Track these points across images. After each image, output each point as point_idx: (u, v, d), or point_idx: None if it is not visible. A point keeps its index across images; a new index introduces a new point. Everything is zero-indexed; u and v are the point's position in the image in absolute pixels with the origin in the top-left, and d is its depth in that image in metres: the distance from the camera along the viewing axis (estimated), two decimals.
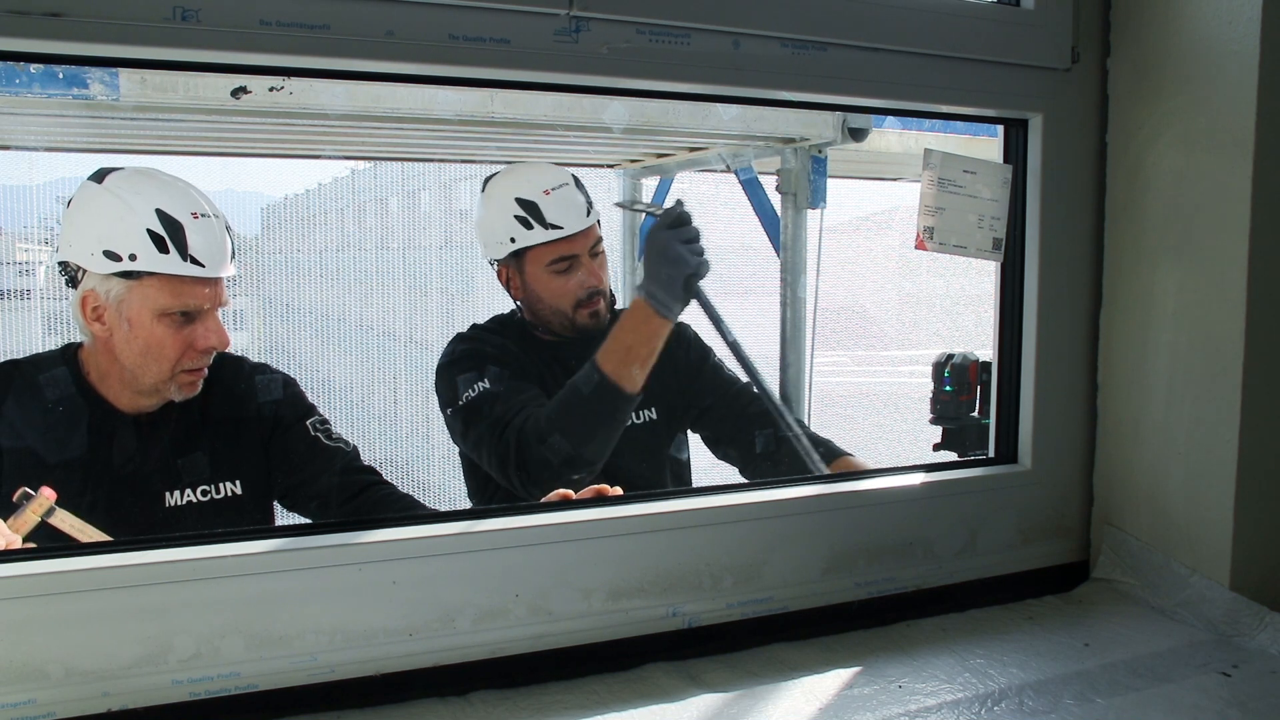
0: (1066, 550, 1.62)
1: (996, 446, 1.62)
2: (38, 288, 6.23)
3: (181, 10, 1.07)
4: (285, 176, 20.25)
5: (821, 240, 4.33)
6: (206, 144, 3.94)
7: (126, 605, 1.11)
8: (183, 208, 1.62)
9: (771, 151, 4.19)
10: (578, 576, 1.29)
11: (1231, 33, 1.37)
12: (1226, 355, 1.40)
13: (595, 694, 1.23)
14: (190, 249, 1.61)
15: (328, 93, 3.05)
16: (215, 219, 1.67)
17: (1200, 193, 1.43)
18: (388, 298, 7.88)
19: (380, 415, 8.00)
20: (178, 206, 1.62)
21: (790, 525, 1.41)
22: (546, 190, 2.01)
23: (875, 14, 1.38)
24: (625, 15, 1.24)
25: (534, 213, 2.00)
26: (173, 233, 1.60)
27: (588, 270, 2.05)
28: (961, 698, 1.23)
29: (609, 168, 5.01)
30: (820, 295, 4.37)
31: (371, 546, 1.20)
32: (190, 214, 1.63)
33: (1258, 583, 1.42)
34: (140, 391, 1.68)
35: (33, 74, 2.77)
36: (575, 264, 2.03)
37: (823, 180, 4.13)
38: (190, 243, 1.61)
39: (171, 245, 1.60)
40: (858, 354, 7.68)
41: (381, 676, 1.21)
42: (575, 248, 2.03)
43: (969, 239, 1.54)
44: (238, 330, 8.40)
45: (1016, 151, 1.56)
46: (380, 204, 8.14)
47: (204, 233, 1.63)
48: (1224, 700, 1.22)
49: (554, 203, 2.01)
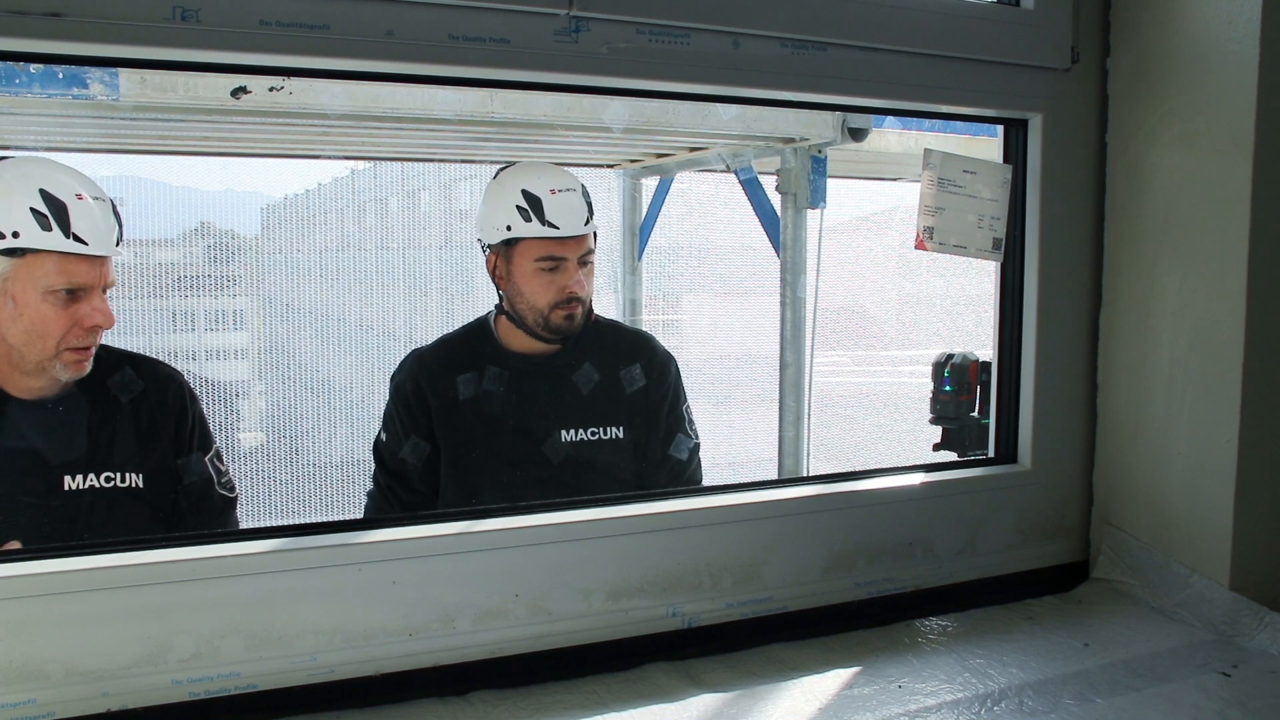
0: (1066, 550, 1.62)
1: (996, 446, 1.62)
2: None
3: (181, 10, 1.07)
4: (285, 176, 20.22)
5: (821, 240, 4.33)
6: (206, 144, 3.94)
7: (126, 605, 1.11)
8: (66, 189, 1.67)
9: (771, 151, 4.19)
10: (578, 576, 1.29)
11: (1231, 33, 1.37)
12: (1226, 355, 1.40)
13: (595, 694, 1.23)
14: (73, 227, 1.65)
15: (328, 93, 3.05)
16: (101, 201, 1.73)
17: (1200, 193, 1.43)
18: (388, 298, 7.87)
19: (380, 415, 7.99)
20: (61, 187, 1.67)
21: (790, 525, 1.41)
22: (553, 190, 2.06)
23: (875, 14, 1.38)
24: (625, 15, 1.24)
25: (535, 207, 2.05)
26: (56, 211, 1.65)
27: (572, 275, 2.09)
28: (961, 698, 1.23)
29: (609, 168, 5.01)
30: (820, 295, 4.37)
31: (371, 546, 1.20)
32: (74, 195, 1.68)
33: (1257, 583, 1.42)
34: (27, 372, 1.71)
35: (33, 74, 2.77)
36: (562, 266, 2.07)
37: (822, 180, 4.13)
38: (73, 221, 1.65)
39: (54, 223, 1.65)
40: (858, 354, 7.67)
41: (381, 676, 1.21)
42: (566, 250, 2.07)
43: (969, 239, 1.54)
44: (238, 330, 8.41)
45: (1016, 151, 1.56)
46: (380, 204, 8.14)
47: (87, 213, 1.67)
48: (1224, 700, 1.22)
49: (557, 203, 2.05)
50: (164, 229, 7.29)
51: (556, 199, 2.05)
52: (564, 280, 2.07)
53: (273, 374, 8.47)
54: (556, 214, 2.05)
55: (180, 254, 7.64)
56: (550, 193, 2.05)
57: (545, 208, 2.04)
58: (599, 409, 2.13)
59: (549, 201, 2.05)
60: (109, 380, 1.81)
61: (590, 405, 2.13)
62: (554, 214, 2.05)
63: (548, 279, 2.07)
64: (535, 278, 2.07)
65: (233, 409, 7.04)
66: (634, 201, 5.06)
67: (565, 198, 2.07)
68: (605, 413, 2.14)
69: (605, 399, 2.14)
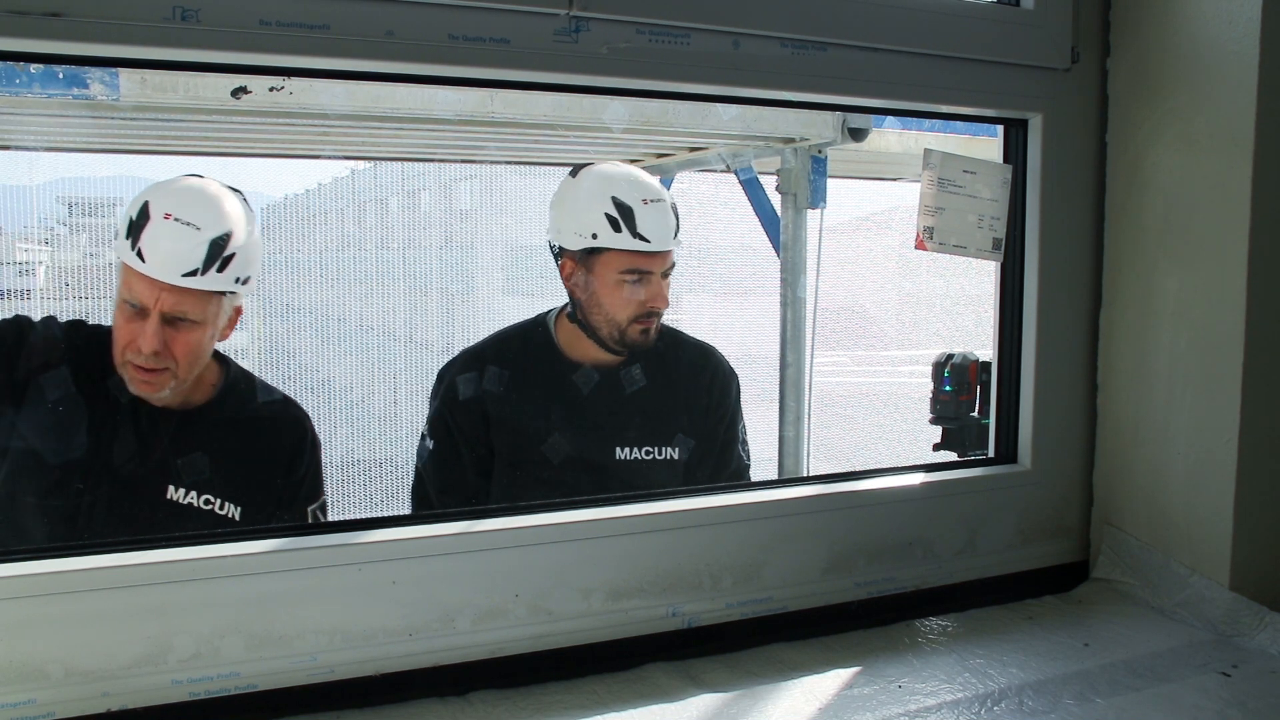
0: (1066, 550, 1.62)
1: (996, 446, 1.62)
2: (38, 287, 6.23)
3: (181, 10, 1.07)
4: (285, 176, 20.25)
5: (821, 240, 4.33)
6: (206, 144, 3.95)
7: (126, 605, 1.11)
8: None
9: (771, 151, 4.19)
10: (577, 576, 1.29)
11: (1231, 33, 1.37)
12: (1226, 355, 1.40)
13: (595, 694, 1.23)
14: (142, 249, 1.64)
15: (328, 93, 3.06)
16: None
17: (1200, 193, 1.43)
18: (388, 298, 7.87)
19: (380, 415, 7.99)
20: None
21: (790, 525, 1.41)
22: (645, 200, 1.96)
23: (875, 14, 1.38)
24: (625, 15, 1.24)
25: (627, 218, 1.94)
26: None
27: (656, 289, 2.00)
28: (961, 698, 1.23)
29: None
30: (820, 295, 4.37)
31: (371, 546, 1.20)
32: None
33: (1257, 583, 1.42)
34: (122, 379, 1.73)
35: (33, 74, 2.77)
36: (646, 280, 1.98)
37: (822, 180, 4.13)
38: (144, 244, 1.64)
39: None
40: (858, 354, 7.67)
41: (381, 676, 1.21)
42: (652, 264, 1.98)
43: (969, 239, 1.54)
44: (238, 330, 8.39)
45: (1016, 151, 1.56)
46: (380, 204, 8.14)
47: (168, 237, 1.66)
48: (1224, 700, 1.22)
49: (649, 214, 1.96)
50: None
51: (649, 210, 1.96)
52: (646, 294, 1.98)
53: (273, 374, 8.46)
54: (648, 226, 1.95)
55: None
56: (643, 203, 1.96)
57: (637, 219, 1.94)
58: (657, 428, 2.05)
59: (641, 213, 1.95)
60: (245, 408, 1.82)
61: (648, 424, 2.05)
62: (646, 226, 1.95)
63: (630, 292, 1.98)
64: (617, 290, 1.98)
65: None
66: None
67: (657, 209, 1.97)
68: (662, 432, 2.06)
69: (664, 417, 2.07)
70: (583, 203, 1.99)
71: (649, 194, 1.97)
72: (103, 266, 7.22)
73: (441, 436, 2.04)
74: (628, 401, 2.04)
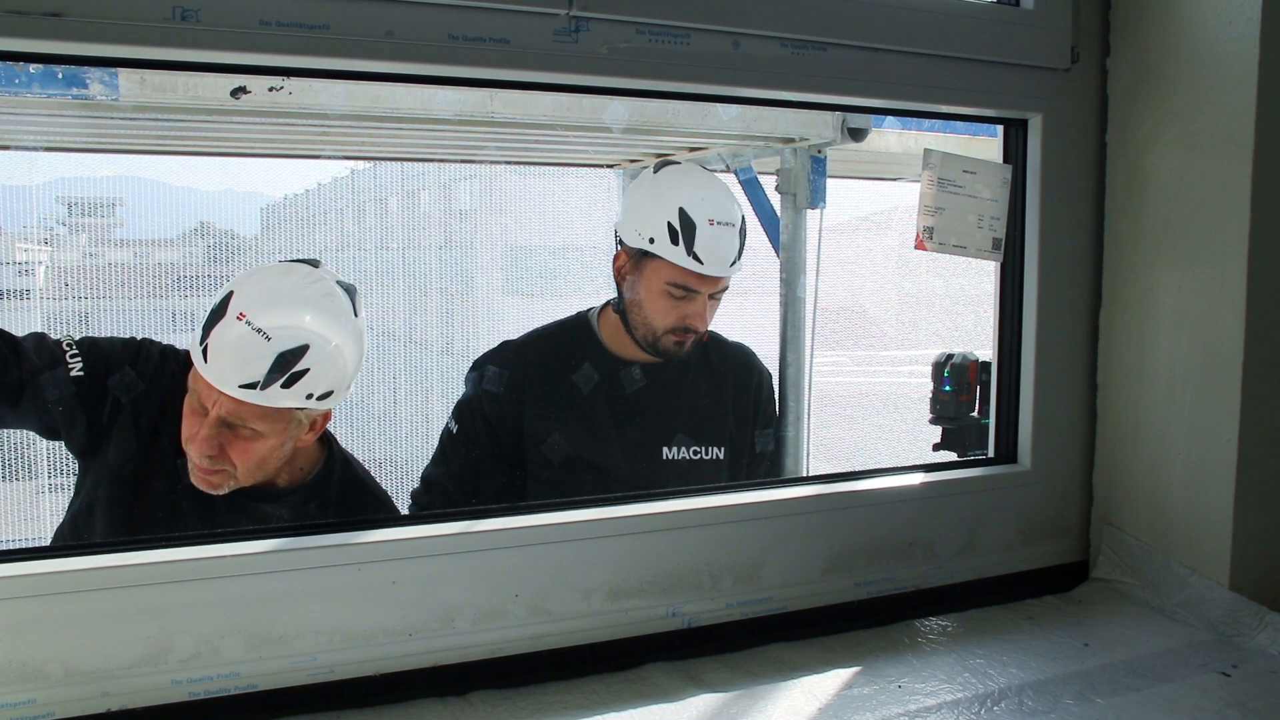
0: (1066, 550, 1.62)
1: (996, 446, 1.62)
2: (37, 288, 6.23)
3: (181, 10, 1.07)
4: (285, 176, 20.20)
5: (821, 240, 4.33)
6: (206, 144, 3.94)
7: (126, 605, 1.10)
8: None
9: (771, 151, 4.18)
10: (577, 576, 1.29)
11: (1231, 33, 1.37)
12: (1226, 355, 1.40)
13: (595, 694, 1.23)
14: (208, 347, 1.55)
15: (327, 93, 3.05)
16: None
17: (1200, 193, 1.43)
18: (388, 298, 7.87)
19: (380, 415, 7.99)
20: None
21: (790, 525, 1.41)
22: (712, 220, 1.89)
23: (875, 14, 1.38)
24: (625, 15, 1.24)
25: (688, 233, 1.87)
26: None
27: (698, 309, 1.94)
28: (961, 698, 1.23)
29: (609, 168, 5.01)
30: (820, 295, 4.36)
31: (371, 546, 1.20)
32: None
33: (1257, 583, 1.42)
34: None
35: (33, 74, 2.77)
36: (692, 298, 1.92)
37: (822, 180, 4.13)
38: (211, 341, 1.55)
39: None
40: (857, 354, 7.67)
41: (381, 676, 1.21)
42: (702, 285, 1.92)
43: (969, 239, 1.54)
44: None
45: (1016, 151, 1.56)
46: (380, 204, 8.14)
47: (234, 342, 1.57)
48: (1224, 700, 1.22)
49: (711, 237, 1.88)
50: (164, 229, 7.29)
51: (713, 232, 1.88)
52: (689, 310, 1.93)
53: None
54: (706, 248, 1.88)
55: (180, 254, 7.63)
56: (709, 223, 1.88)
57: (698, 238, 1.87)
58: (703, 428, 2.03)
59: (704, 232, 1.87)
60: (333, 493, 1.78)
61: (692, 423, 2.02)
62: (704, 248, 1.88)
63: (672, 304, 1.93)
64: (661, 299, 1.93)
65: None
66: None
67: (721, 233, 1.89)
68: (708, 433, 2.03)
69: (710, 418, 2.04)
70: (652, 202, 1.93)
71: (719, 214, 1.90)
72: (103, 267, 7.22)
73: (467, 423, 2.00)
74: (672, 402, 2.01)
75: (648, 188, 1.97)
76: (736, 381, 2.10)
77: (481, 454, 1.98)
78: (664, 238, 1.89)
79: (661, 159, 2.03)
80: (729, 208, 1.94)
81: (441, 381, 7.16)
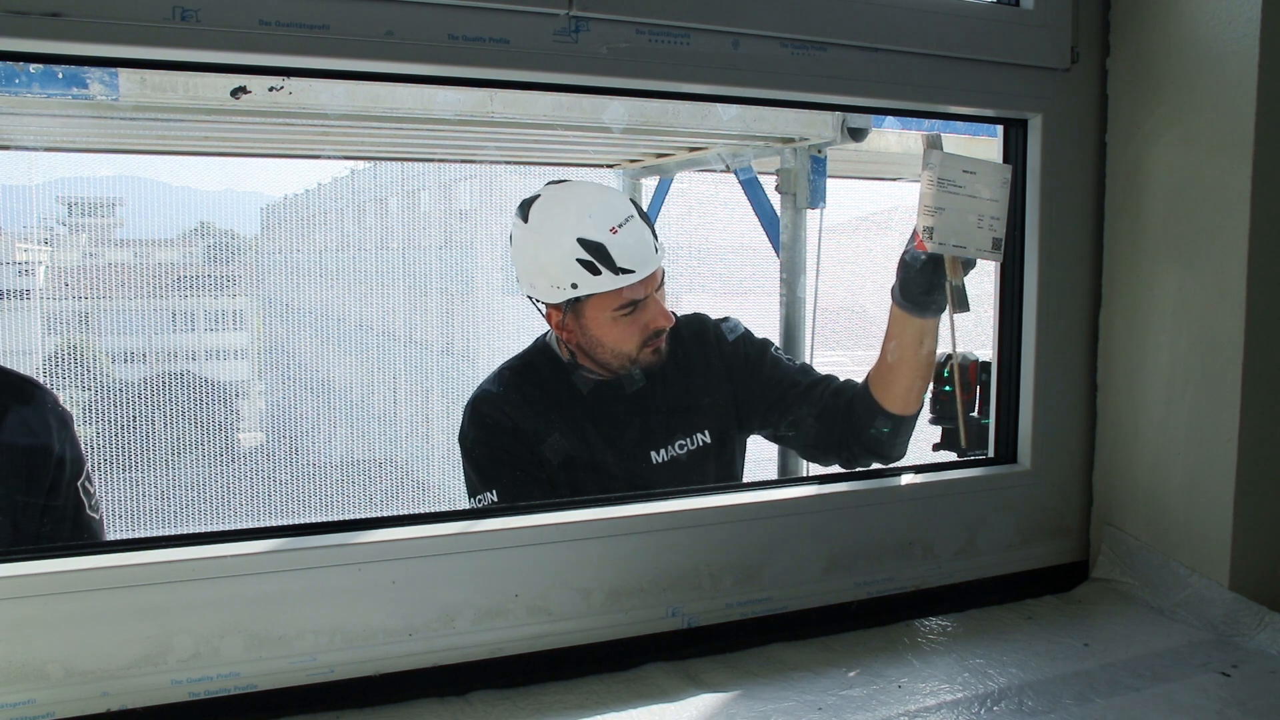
0: (1066, 550, 1.62)
1: (996, 446, 1.62)
2: (37, 288, 6.23)
3: (181, 10, 1.07)
4: (285, 176, 20.25)
5: (821, 240, 4.33)
6: (206, 144, 3.95)
7: (126, 605, 1.11)
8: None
9: (771, 151, 4.19)
10: (577, 576, 1.29)
11: (1231, 33, 1.37)
12: (1226, 355, 1.40)
13: (594, 694, 1.23)
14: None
15: (327, 93, 3.06)
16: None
17: (1200, 193, 1.43)
18: (388, 298, 7.88)
19: (380, 415, 8.00)
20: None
21: (790, 525, 1.41)
22: (614, 228, 1.76)
23: (875, 14, 1.38)
24: (625, 15, 1.24)
25: (602, 256, 1.75)
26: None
27: (656, 309, 1.83)
28: (961, 698, 1.23)
29: (609, 168, 5.01)
30: (820, 295, 4.36)
31: (371, 546, 1.20)
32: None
33: (1257, 583, 1.42)
34: None
35: (33, 74, 2.77)
36: (644, 305, 1.81)
37: (822, 180, 4.13)
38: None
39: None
40: (857, 354, 7.67)
41: (381, 676, 1.21)
42: (645, 289, 1.80)
43: (969, 239, 1.54)
44: (237, 330, 8.42)
45: (1016, 151, 1.56)
46: (380, 204, 8.14)
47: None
48: (1223, 700, 1.22)
49: (623, 242, 1.76)
50: (164, 229, 7.30)
51: (621, 237, 1.76)
52: (648, 318, 1.82)
53: (273, 374, 8.48)
54: (628, 256, 1.76)
55: (180, 254, 7.65)
56: (611, 232, 1.75)
57: (613, 253, 1.75)
58: (683, 419, 1.92)
59: (615, 243, 1.75)
60: None
61: (671, 418, 1.92)
62: (625, 257, 1.76)
63: (630, 323, 1.82)
64: (615, 326, 1.82)
65: (233, 409, 7.05)
66: None
67: (629, 232, 1.77)
68: (688, 421, 1.93)
69: (684, 407, 1.93)
70: (548, 253, 1.79)
71: (614, 217, 1.78)
72: (103, 267, 7.22)
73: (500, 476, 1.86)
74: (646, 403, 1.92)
75: (533, 241, 1.82)
76: (696, 359, 1.98)
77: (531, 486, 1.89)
78: (584, 276, 1.77)
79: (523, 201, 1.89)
80: (614, 204, 1.82)
81: (441, 381, 7.16)
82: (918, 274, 1.62)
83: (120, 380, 6.16)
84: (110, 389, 5.89)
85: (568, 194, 1.84)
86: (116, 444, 5.41)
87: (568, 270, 1.77)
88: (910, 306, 1.68)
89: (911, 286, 1.64)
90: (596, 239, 1.75)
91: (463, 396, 2.03)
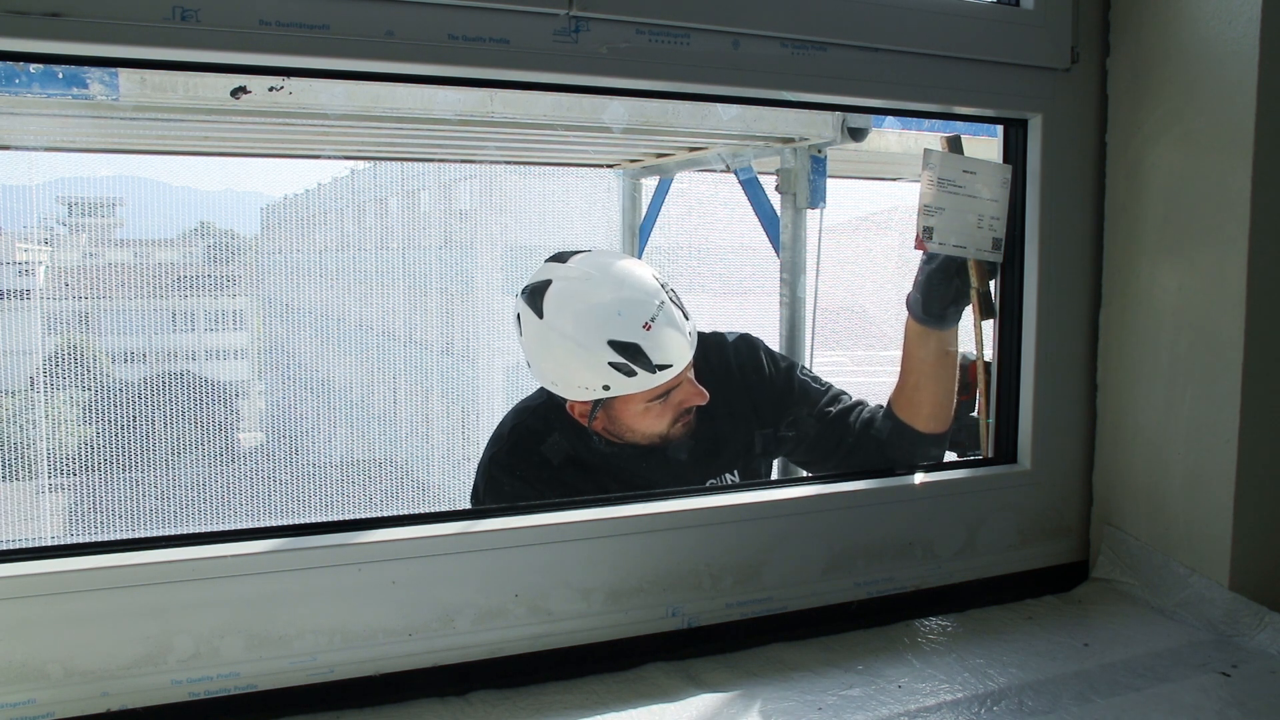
0: (1066, 550, 1.62)
1: (996, 446, 1.62)
2: (37, 288, 6.24)
3: (181, 10, 1.07)
4: (285, 176, 20.23)
5: (821, 240, 4.33)
6: (206, 144, 3.95)
7: (126, 605, 1.11)
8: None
9: (771, 151, 4.19)
10: (577, 577, 1.29)
11: (1231, 33, 1.37)
12: (1226, 355, 1.40)
13: (594, 694, 1.23)
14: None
15: (327, 93, 3.05)
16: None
17: (1200, 193, 1.43)
18: (388, 298, 7.88)
19: (380, 415, 8.00)
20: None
21: (790, 525, 1.41)
22: (646, 324, 1.61)
23: (875, 14, 1.38)
24: (625, 15, 1.24)
25: (637, 358, 1.61)
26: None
27: (689, 390, 1.72)
28: (961, 698, 1.23)
29: (609, 168, 5.01)
30: (820, 295, 4.36)
31: (370, 546, 1.20)
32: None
33: (1257, 583, 1.42)
34: None
35: (33, 74, 2.77)
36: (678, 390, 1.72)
37: (822, 180, 4.13)
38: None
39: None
40: (857, 354, 7.67)
41: (381, 676, 1.21)
42: (680, 378, 1.69)
43: (969, 239, 1.54)
44: (238, 330, 8.42)
45: (1016, 151, 1.56)
46: (380, 204, 8.14)
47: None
48: (1223, 700, 1.22)
49: (659, 337, 1.62)
50: (164, 229, 7.30)
51: (656, 332, 1.61)
52: (681, 397, 1.72)
53: (272, 374, 8.48)
54: (664, 352, 1.63)
55: (180, 254, 7.65)
56: (645, 329, 1.60)
57: (649, 352, 1.62)
58: (709, 466, 1.85)
59: (650, 342, 1.61)
60: None
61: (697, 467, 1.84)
62: (661, 354, 1.62)
63: (663, 407, 1.72)
64: (648, 414, 1.71)
65: (233, 409, 7.06)
66: (634, 201, 5.06)
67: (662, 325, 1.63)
68: (714, 466, 1.86)
69: (710, 454, 1.85)
70: (574, 357, 1.64)
71: (646, 311, 1.62)
72: (103, 267, 7.22)
73: None
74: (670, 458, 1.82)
75: (553, 341, 1.66)
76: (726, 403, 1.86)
77: None
78: (617, 378, 1.64)
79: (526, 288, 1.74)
80: (643, 293, 1.65)
81: (441, 381, 7.17)
82: (940, 288, 1.59)
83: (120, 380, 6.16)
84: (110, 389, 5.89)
85: (587, 286, 1.66)
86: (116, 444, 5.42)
87: (598, 374, 1.64)
88: (932, 320, 1.66)
89: (934, 303, 1.63)
90: (630, 340, 1.61)
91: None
